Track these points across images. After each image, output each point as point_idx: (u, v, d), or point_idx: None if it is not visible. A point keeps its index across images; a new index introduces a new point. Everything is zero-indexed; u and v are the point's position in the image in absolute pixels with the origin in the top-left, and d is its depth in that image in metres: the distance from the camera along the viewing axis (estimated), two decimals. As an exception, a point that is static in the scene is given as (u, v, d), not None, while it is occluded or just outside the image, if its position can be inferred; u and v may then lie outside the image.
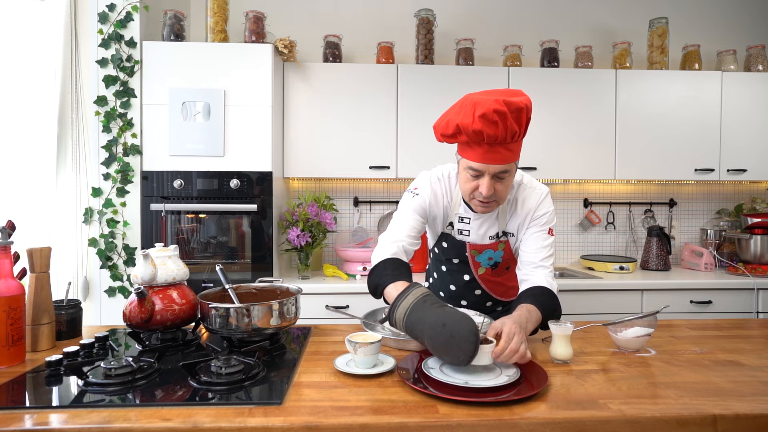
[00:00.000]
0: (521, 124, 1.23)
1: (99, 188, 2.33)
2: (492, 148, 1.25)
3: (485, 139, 1.22)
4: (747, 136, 2.74)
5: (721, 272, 2.74)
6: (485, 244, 1.46)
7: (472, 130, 1.21)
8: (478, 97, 1.23)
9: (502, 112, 1.18)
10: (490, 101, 1.19)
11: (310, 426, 0.84)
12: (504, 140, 1.23)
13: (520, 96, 1.23)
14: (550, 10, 3.03)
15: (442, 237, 1.52)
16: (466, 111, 1.23)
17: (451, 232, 1.49)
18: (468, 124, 1.21)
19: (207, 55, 2.35)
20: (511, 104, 1.19)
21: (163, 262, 1.27)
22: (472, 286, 1.55)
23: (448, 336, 1.02)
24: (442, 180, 1.47)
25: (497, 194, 1.32)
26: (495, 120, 1.19)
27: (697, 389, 0.99)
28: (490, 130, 1.20)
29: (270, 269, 2.39)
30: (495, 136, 1.21)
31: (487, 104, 1.19)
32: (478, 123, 1.20)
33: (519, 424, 0.85)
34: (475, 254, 1.48)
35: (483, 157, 1.26)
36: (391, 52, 2.73)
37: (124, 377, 1.00)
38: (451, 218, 1.48)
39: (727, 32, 3.08)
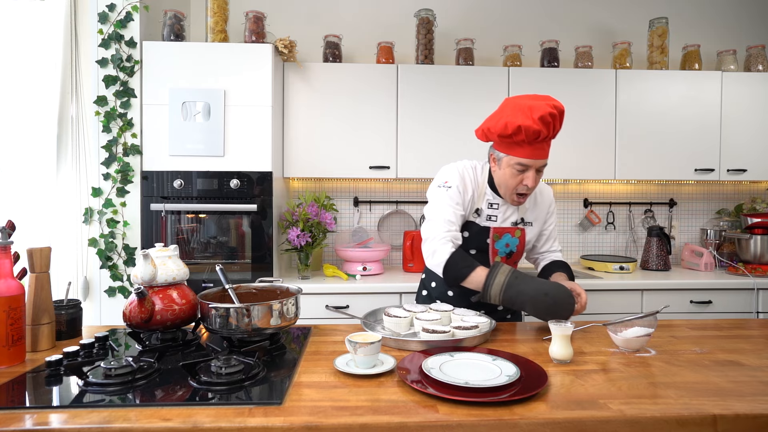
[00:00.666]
0: (561, 125, 1.47)
1: (99, 188, 2.33)
2: (540, 145, 1.45)
3: (539, 138, 1.42)
4: (747, 136, 2.74)
5: (721, 272, 2.74)
6: (506, 227, 1.59)
7: (533, 130, 1.40)
8: (530, 102, 1.42)
9: (555, 115, 1.41)
10: (543, 105, 1.40)
11: (310, 426, 0.84)
12: (549, 138, 1.46)
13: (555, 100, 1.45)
14: (550, 10, 3.03)
15: (464, 227, 1.59)
16: (524, 113, 1.41)
17: (476, 219, 1.59)
18: (530, 124, 1.40)
19: (207, 55, 2.35)
20: (558, 108, 1.42)
21: (163, 262, 1.27)
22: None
23: (552, 302, 1.31)
24: (469, 169, 1.60)
25: (535, 185, 1.51)
26: (549, 121, 1.40)
27: (697, 389, 0.99)
28: (545, 130, 1.41)
29: (270, 269, 2.39)
30: (546, 135, 1.43)
31: (542, 108, 1.39)
32: (538, 123, 1.40)
33: (519, 424, 0.85)
34: (496, 239, 1.58)
35: (532, 153, 1.45)
36: (391, 52, 2.73)
37: (124, 377, 1.00)
38: (478, 205, 1.59)
39: (727, 32, 3.08)
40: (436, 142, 2.63)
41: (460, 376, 1.00)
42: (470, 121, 2.64)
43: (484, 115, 2.65)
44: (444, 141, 2.63)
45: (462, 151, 2.62)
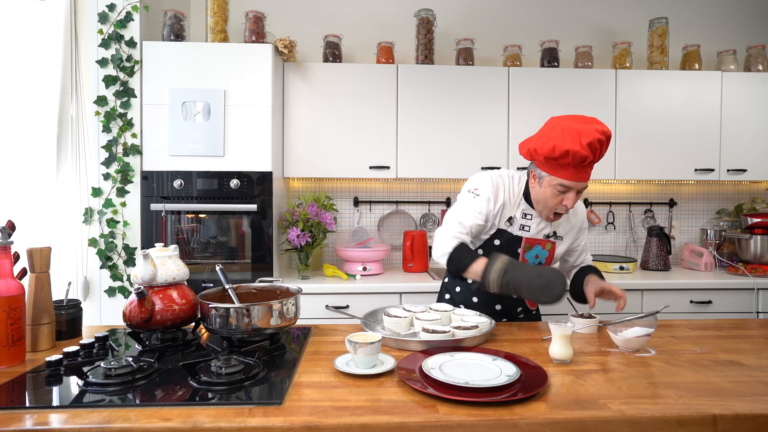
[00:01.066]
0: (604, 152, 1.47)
1: (99, 188, 2.33)
2: (584, 169, 1.46)
3: (584, 162, 1.43)
4: (747, 136, 2.74)
5: (721, 272, 2.74)
6: (538, 239, 1.60)
7: (580, 155, 1.41)
8: (579, 126, 1.41)
9: (603, 141, 1.41)
10: (593, 131, 1.40)
11: (310, 426, 0.84)
12: (594, 162, 1.46)
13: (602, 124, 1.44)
14: (550, 10, 3.03)
15: (496, 235, 1.59)
16: (573, 138, 1.41)
17: (508, 227, 1.59)
18: (578, 150, 1.40)
19: (207, 55, 2.35)
20: (606, 134, 1.42)
21: (163, 262, 1.27)
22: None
23: (545, 282, 1.33)
24: (505, 178, 1.62)
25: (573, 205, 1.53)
26: (597, 147, 1.41)
27: (697, 389, 0.99)
28: (592, 156, 1.42)
29: (270, 269, 2.39)
30: (593, 160, 1.44)
31: (591, 134, 1.40)
32: (586, 149, 1.40)
33: (519, 424, 0.85)
34: (527, 249, 1.59)
35: (576, 176, 1.46)
36: (391, 52, 2.73)
37: (124, 377, 1.00)
38: (512, 214, 1.59)
39: (727, 32, 3.08)
40: (436, 142, 2.63)
41: (460, 376, 1.00)
42: (470, 121, 2.64)
43: (484, 115, 2.65)
44: (444, 141, 2.63)
45: (462, 151, 2.62)
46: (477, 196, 1.57)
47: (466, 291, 1.67)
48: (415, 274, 2.66)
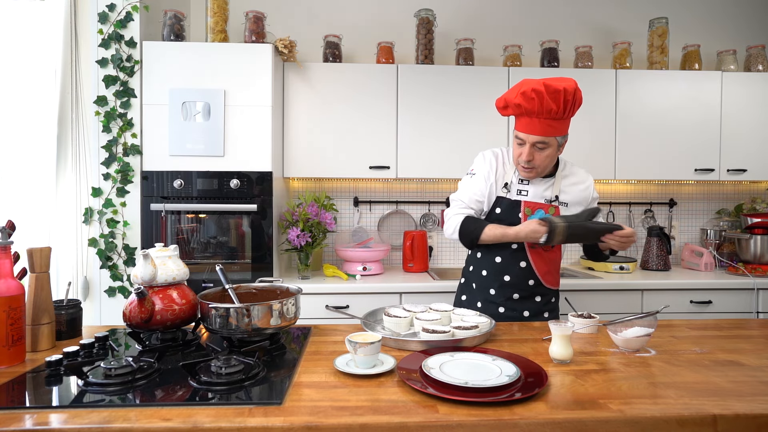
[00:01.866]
0: (559, 104, 1.47)
1: (99, 188, 2.33)
2: (531, 120, 1.52)
3: (524, 111, 1.51)
4: (747, 136, 2.74)
5: (721, 272, 2.74)
6: (539, 203, 1.64)
7: (513, 103, 1.51)
8: (529, 80, 1.51)
9: (540, 92, 1.46)
10: (534, 81, 1.48)
11: (310, 426, 0.84)
12: (540, 114, 1.50)
13: (565, 81, 1.48)
14: (550, 10, 3.03)
15: (496, 203, 1.66)
16: (514, 89, 1.53)
17: (507, 194, 1.66)
18: (512, 98, 1.51)
19: (207, 55, 2.35)
20: (549, 86, 1.45)
21: (163, 262, 1.27)
22: (518, 257, 1.63)
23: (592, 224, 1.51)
24: (497, 151, 1.72)
25: (535, 162, 1.57)
26: (532, 97, 1.47)
27: (697, 389, 0.99)
28: (527, 105, 1.49)
29: (270, 269, 2.39)
30: (530, 109, 1.49)
31: (529, 83, 1.48)
32: (518, 98, 1.49)
33: (519, 424, 0.85)
34: (528, 213, 1.63)
35: (525, 127, 1.54)
36: (391, 52, 2.73)
37: (124, 377, 1.00)
38: (508, 179, 1.67)
39: (727, 32, 3.08)
40: (436, 142, 2.63)
41: (460, 376, 1.00)
42: (470, 121, 2.64)
43: (484, 115, 2.65)
44: (444, 141, 2.63)
45: (462, 151, 2.62)
46: (473, 176, 1.70)
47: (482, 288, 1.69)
48: (415, 274, 2.66)
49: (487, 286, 1.68)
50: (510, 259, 1.64)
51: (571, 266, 2.95)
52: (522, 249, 1.63)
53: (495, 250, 1.66)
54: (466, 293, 1.76)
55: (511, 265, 1.64)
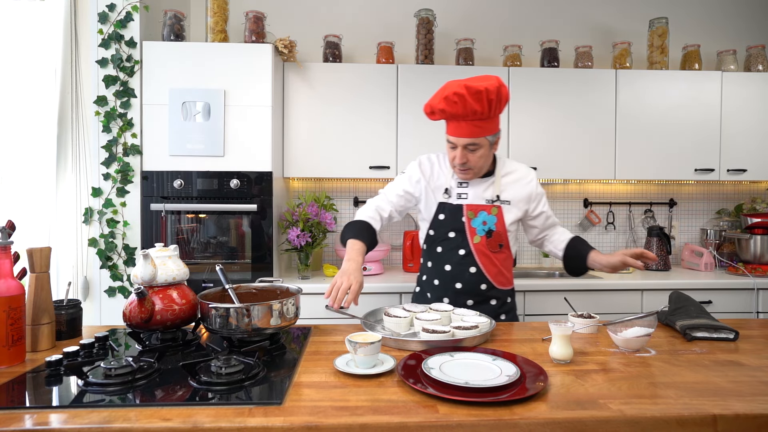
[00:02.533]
0: (483, 104, 1.45)
1: (99, 188, 2.33)
2: (459, 124, 1.51)
3: (449, 116, 1.50)
4: (747, 136, 2.74)
5: (721, 272, 2.74)
6: (481, 205, 1.63)
7: (437, 108, 1.50)
8: (451, 82, 1.48)
9: (462, 95, 1.44)
10: (455, 85, 1.45)
11: (310, 426, 0.84)
12: (465, 116, 1.49)
13: (486, 81, 1.45)
14: (550, 10, 3.03)
15: (438, 209, 1.66)
16: (437, 94, 1.51)
17: (448, 199, 1.66)
18: (435, 104, 1.50)
19: (207, 55, 2.35)
20: (470, 88, 1.43)
21: (163, 262, 1.27)
22: (467, 263, 1.61)
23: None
24: (431, 156, 1.74)
25: (470, 164, 1.57)
26: (455, 101, 1.45)
27: (697, 389, 0.99)
28: (451, 109, 1.47)
29: (270, 269, 2.39)
30: (454, 113, 1.48)
31: (451, 87, 1.45)
32: (442, 103, 1.48)
33: (519, 424, 0.85)
34: (471, 216, 1.62)
35: (454, 131, 1.54)
36: (391, 52, 2.73)
37: (124, 377, 1.00)
38: (446, 185, 1.67)
39: (727, 32, 3.08)
40: (437, 142, 2.62)
41: (460, 376, 1.00)
42: (470, 121, 2.64)
43: (484, 115, 2.65)
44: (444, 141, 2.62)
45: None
46: (402, 174, 1.74)
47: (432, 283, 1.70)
48: (415, 274, 2.65)
49: (440, 295, 1.66)
50: (459, 266, 1.62)
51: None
52: (470, 255, 1.61)
53: (444, 258, 1.65)
54: (421, 302, 1.72)
55: (460, 272, 1.62)
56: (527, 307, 2.41)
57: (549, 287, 2.40)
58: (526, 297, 2.40)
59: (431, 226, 1.69)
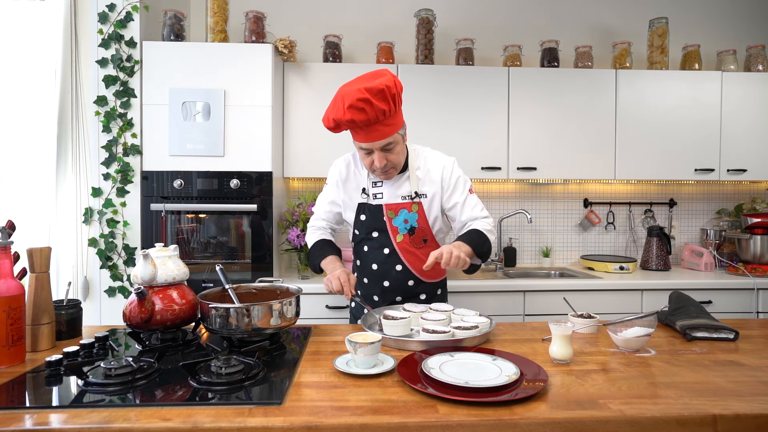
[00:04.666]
0: (388, 102, 1.39)
1: (99, 188, 2.33)
2: (370, 129, 1.43)
3: (359, 124, 1.40)
4: (747, 136, 2.74)
5: (721, 272, 2.74)
6: (399, 203, 1.60)
7: (345, 120, 1.39)
8: (346, 89, 1.40)
9: (366, 99, 1.35)
10: (354, 91, 1.36)
11: (310, 426, 0.84)
12: (377, 120, 1.41)
13: (380, 77, 1.39)
14: (550, 10, 3.03)
15: (359, 210, 1.63)
16: (337, 105, 1.40)
17: (367, 200, 1.63)
18: (341, 116, 1.39)
19: (207, 55, 2.35)
20: (372, 89, 1.35)
21: (163, 262, 1.27)
22: (393, 261, 1.60)
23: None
24: (347, 158, 1.69)
25: (391, 163, 1.52)
26: (361, 107, 1.36)
27: (697, 389, 0.99)
28: (359, 116, 1.38)
29: (270, 269, 2.39)
30: (366, 119, 1.39)
31: (351, 95, 1.36)
32: (348, 113, 1.37)
33: (519, 424, 0.85)
34: (392, 216, 1.59)
35: (366, 137, 1.45)
36: (391, 52, 2.73)
37: (124, 377, 1.00)
38: (363, 185, 1.64)
39: (727, 32, 3.08)
40: (436, 142, 2.62)
41: (460, 376, 1.00)
42: (470, 121, 2.64)
43: (484, 115, 2.65)
44: (444, 141, 2.63)
45: (462, 151, 2.62)
46: (327, 185, 1.73)
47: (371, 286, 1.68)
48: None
49: (370, 294, 1.67)
50: (385, 265, 1.61)
51: (571, 266, 2.95)
52: (394, 253, 1.60)
53: (370, 257, 1.64)
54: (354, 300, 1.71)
55: (387, 270, 1.61)
56: (527, 307, 2.41)
57: (549, 287, 2.40)
58: (526, 297, 2.40)
59: (355, 226, 1.67)
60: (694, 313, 1.43)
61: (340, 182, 1.67)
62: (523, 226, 3.03)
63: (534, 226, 3.04)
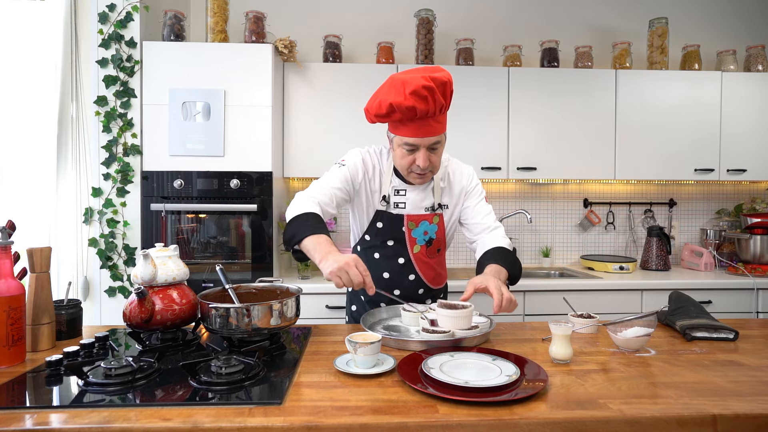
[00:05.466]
0: (447, 97, 1.35)
1: (99, 188, 2.33)
2: (424, 122, 1.35)
3: (417, 114, 1.32)
4: (747, 136, 2.74)
5: (720, 272, 2.74)
6: (421, 215, 1.53)
7: (405, 106, 1.31)
8: (405, 76, 1.32)
9: (431, 88, 1.29)
10: (418, 78, 1.29)
11: (310, 426, 0.84)
12: (434, 114, 1.35)
13: (441, 71, 1.34)
14: (550, 10, 3.04)
15: (376, 217, 1.54)
16: (396, 90, 1.32)
17: (387, 207, 1.54)
18: (401, 101, 1.30)
19: (207, 55, 2.35)
20: (436, 79, 1.30)
21: (163, 262, 1.27)
22: (406, 271, 1.56)
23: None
24: (372, 154, 1.56)
25: (432, 165, 1.43)
26: (425, 95, 1.29)
27: (697, 389, 0.99)
28: (421, 105, 1.31)
29: (270, 269, 2.39)
30: (426, 110, 1.32)
31: (416, 81, 1.29)
32: (410, 99, 1.30)
33: (519, 424, 0.85)
34: (412, 227, 1.53)
35: (417, 131, 1.37)
36: (391, 52, 2.73)
37: (124, 377, 1.00)
38: (385, 192, 1.53)
39: (727, 32, 3.08)
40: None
41: (460, 376, 1.00)
42: (470, 121, 2.64)
43: (484, 115, 2.65)
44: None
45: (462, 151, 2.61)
46: (342, 166, 1.52)
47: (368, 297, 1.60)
48: (415, 274, 2.65)
49: (376, 300, 1.60)
50: (399, 274, 1.56)
51: (571, 266, 2.95)
52: (409, 263, 1.55)
53: (382, 265, 1.56)
54: (356, 303, 1.68)
55: (399, 280, 1.57)
56: (527, 307, 2.41)
57: (549, 287, 2.40)
58: (526, 297, 2.40)
59: (368, 231, 1.57)
60: (694, 313, 1.43)
61: (355, 169, 1.52)
62: (523, 226, 3.03)
63: (534, 226, 3.04)
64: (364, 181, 1.53)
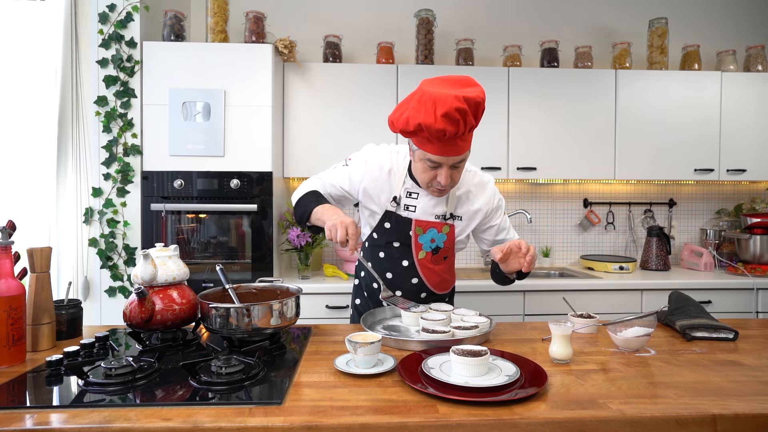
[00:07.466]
0: (478, 118, 1.28)
1: (99, 188, 2.33)
2: (451, 141, 1.29)
3: (446, 135, 1.25)
4: (747, 136, 2.74)
5: (720, 272, 2.74)
6: (431, 221, 1.49)
7: (435, 129, 1.23)
8: (437, 93, 1.23)
9: (464, 110, 1.22)
10: (451, 98, 1.21)
11: (310, 426, 0.84)
12: (462, 134, 1.28)
13: (474, 87, 1.27)
14: (550, 10, 3.04)
15: (385, 217, 1.52)
16: (426, 109, 1.23)
17: (396, 209, 1.50)
18: (431, 123, 1.23)
19: (207, 55, 2.35)
20: (470, 100, 1.22)
21: (163, 262, 1.27)
22: (410, 274, 1.55)
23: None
24: (385, 153, 1.52)
25: (453, 181, 1.39)
26: (457, 119, 1.22)
27: (697, 389, 0.99)
28: (451, 128, 1.23)
29: (270, 269, 2.39)
30: (455, 132, 1.25)
31: (448, 102, 1.20)
32: (440, 122, 1.22)
33: (519, 424, 0.85)
34: (419, 233, 1.50)
35: (442, 150, 1.30)
36: (391, 52, 2.73)
37: (124, 377, 1.00)
38: (396, 193, 1.49)
39: (726, 32, 3.08)
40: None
41: (460, 376, 1.00)
42: (470, 121, 2.64)
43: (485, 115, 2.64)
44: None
45: (462, 151, 2.62)
46: (345, 166, 1.54)
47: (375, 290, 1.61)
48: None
49: (378, 299, 1.60)
50: (401, 276, 1.55)
51: (571, 266, 2.95)
52: (413, 267, 1.53)
53: (386, 265, 1.55)
54: (360, 297, 1.67)
55: (402, 282, 1.55)
56: (527, 308, 2.41)
57: (549, 287, 2.41)
58: (526, 297, 2.40)
59: (375, 229, 1.55)
60: (694, 313, 1.43)
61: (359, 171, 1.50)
62: (523, 226, 3.03)
63: (534, 226, 3.04)
64: (370, 181, 1.50)
